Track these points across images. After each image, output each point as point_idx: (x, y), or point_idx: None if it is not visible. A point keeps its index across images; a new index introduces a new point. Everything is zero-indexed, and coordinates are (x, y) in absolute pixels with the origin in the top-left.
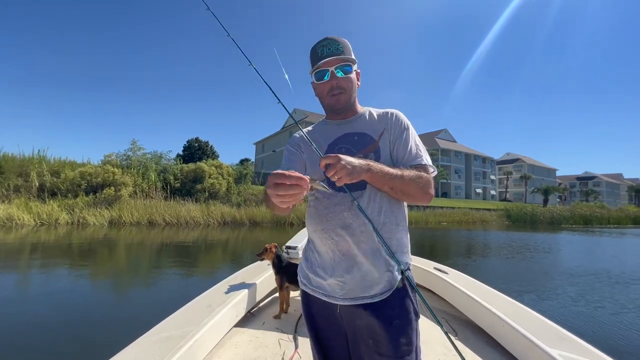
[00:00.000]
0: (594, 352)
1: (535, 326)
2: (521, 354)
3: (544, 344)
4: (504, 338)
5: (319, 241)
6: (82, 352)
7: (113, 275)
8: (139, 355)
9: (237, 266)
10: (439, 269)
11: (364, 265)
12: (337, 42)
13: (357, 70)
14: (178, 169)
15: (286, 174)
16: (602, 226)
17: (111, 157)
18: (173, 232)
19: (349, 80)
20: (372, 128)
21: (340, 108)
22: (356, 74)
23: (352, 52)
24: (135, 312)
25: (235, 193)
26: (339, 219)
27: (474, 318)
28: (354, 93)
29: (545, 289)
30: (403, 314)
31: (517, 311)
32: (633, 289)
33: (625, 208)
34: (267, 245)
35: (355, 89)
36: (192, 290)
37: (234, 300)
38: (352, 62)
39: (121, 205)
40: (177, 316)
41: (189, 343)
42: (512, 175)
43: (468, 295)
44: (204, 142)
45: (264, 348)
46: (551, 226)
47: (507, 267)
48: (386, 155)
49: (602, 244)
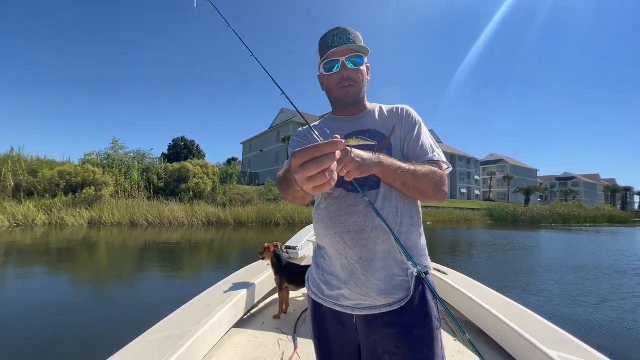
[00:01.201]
0: (594, 353)
1: (535, 328)
2: (521, 355)
3: (543, 345)
4: (503, 339)
5: (330, 246)
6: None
7: (93, 277)
8: (139, 355)
9: (223, 267)
10: (438, 269)
11: (381, 271)
12: (348, 32)
13: (367, 64)
14: (162, 168)
15: (313, 147)
16: (580, 225)
17: (92, 156)
18: (156, 233)
19: (360, 72)
20: (382, 124)
21: (349, 102)
22: (367, 68)
23: (363, 43)
24: (118, 315)
25: (221, 193)
26: (353, 221)
27: (474, 319)
28: (364, 87)
29: (528, 284)
30: (425, 322)
31: (517, 313)
32: (609, 282)
33: (602, 207)
34: (267, 245)
35: (365, 82)
36: (178, 293)
37: (234, 300)
38: (364, 53)
39: (102, 206)
40: (177, 316)
41: (188, 342)
42: (496, 176)
43: (468, 296)
44: (189, 141)
45: (264, 348)
46: (531, 225)
47: (492, 264)
48: (397, 152)
49: (580, 242)
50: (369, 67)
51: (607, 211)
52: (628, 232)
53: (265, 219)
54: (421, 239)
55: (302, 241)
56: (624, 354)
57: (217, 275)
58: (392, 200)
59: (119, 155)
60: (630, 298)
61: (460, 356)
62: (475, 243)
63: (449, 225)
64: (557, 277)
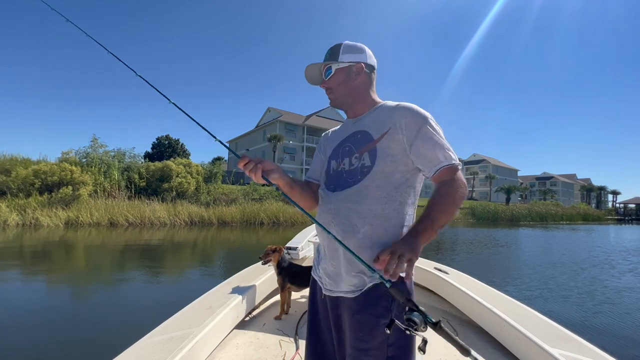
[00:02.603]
0: (595, 351)
1: (536, 326)
2: (522, 353)
3: (545, 343)
4: (505, 338)
5: (319, 232)
6: None
7: (71, 280)
8: (141, 357)
9: (210, 268)
10: (439, 269)
11: (343, 262)
12: (328, 51)
13: (354, 64)
14: (144, 167)
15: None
16: (556, 223)
17: (69, 155)
18: (136, 233)
19: (331, 81)
20: (376, 126)
21: (334, 105)
22: (355, 69)
23: (339, 53)
24: (106, 320)
25: (205, 192)
26: (325, 217)
27: (475, 318)
28: (347, 90)
29: (510, 277)
30: (368, 313)
31: (518, 311)
32: (584, 276)
33: (577, 206)
34: (273, 247)
35: (347, 86)
36: (171, 294)
37: (235, 301)
38: (332, 63)
39: (79, 206)
40: (178, 317)
41: (190, 344)
42: (478, 175)
43: (469, 295)
44: (174, 139)
45: (265, 349)
46: (511, 223)
47: (477, 260)
48: (385, 157)
49: (556, 238)
50: (358, 67)
51: (582, 210)
52: (601, 230)
53: (249, 219)
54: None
55: (303, 242)
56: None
57: (204, 277)
58: (364, 203)
59: (98, 154)
60: (605, 289)
61: (460, 356)
62: (458, 241)
63: None
64: (540, 270)
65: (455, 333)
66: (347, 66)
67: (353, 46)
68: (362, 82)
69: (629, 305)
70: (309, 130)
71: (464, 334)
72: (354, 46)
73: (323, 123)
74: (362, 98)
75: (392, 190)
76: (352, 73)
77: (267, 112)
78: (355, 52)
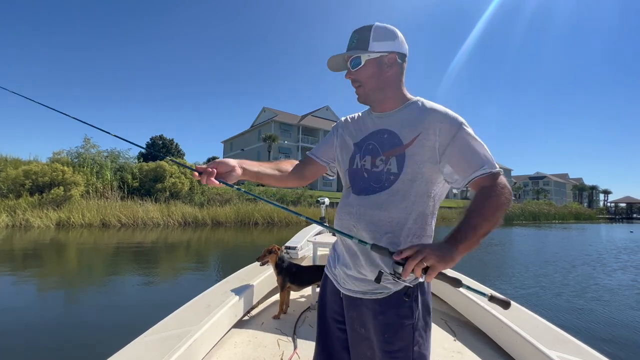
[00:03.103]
0: (593, 353)
1: (534, 328)
2: (520, 355)
3: (543, 345)
4: (503, 340)
5: (338, 234)
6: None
7: (63, 281)
8: (138, 355)
9: (204, 268)
10: None
11: (365, 265)
12: (354, 34)
13: (387, 54)
14: (137, 167)
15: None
16: (549, 222)
17: (61, 155)
18: (129, 234)
19: (360, 73)
20: (405, 127)
21: (362, 101)
22: (386, 60)
23: (369, 40)
24: (101, 320)
25: (199, 192)
26: (348, 220)
27: (473, 319)
28: (379, 84)
29: (505, 275)
30: (393, 314)
31: (516, 313)
32: (576, 274)
33: (570, 205)
34: (269, 248)
35: (379, 78)
36: (155, 295)
37: (233, 300)
38: (361, 53)
39: (71, 206)
40: (176, 316)
41: (188, 343)
42: None
43: (467, 296)
44: (168, 139)
45: (263, 348)
46: (505, 222)
47: (470, 258)
48: (413, 165)
49: (549, 237)
50: (391, 57)
51: (574, 209)
52: (593, 228)
53: (243, 219)
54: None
55: (302, 241)
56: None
57: (198, 278)
58: (388, 211)
59: (90, 154)
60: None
61: (459, 356)
62: None
63: None
64: (532, 270)
65: (454, 334)
66: (378, 57)
67: (385, 31)
68: (394, 74)
69: (620, 302)
70: (304, 130)
71: (462, 335)
72: (385, 31)
73: (318, 123)
74: (393, 93)
75: (416, 199)
76: (384, 65)
77: (263, 112)
78: (387, 39)
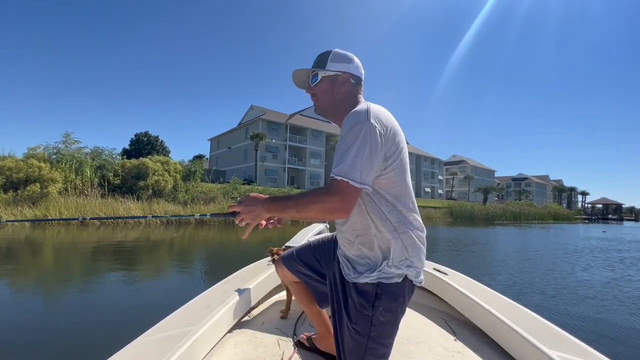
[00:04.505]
0: (594, 353)
1: (534, 327)
2: (521, 355)
3: (543, 345)
4: (503, 339)
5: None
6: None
7: (38, 281)
8: (138, 355)
9: (188, 268)
10: (438, 269)
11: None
12: (317, 57)
13: (340, 73)
14: (119, 165)
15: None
16: (529, 222)
17: (37, 151)
18: (109, 232)
19: (317, 87)
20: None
21: (319, 113)
22: (340, 79)
23: (327, 61)
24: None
25: (183, 191)
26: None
27: (473, 319)
28: (331, 98)
29: (489, 274)
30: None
31: (517, 312)
32: (556, 273)
33: (549, 206)
34: (274, 249)
35: (332, 94)
36: (137, 296)
37: (233, 300)
38: (319, 70)
39: (48, 204)
40: (176, 316)
41: (188, 342)
42: (457, 176)
43: (467, 296)
44: (153, 136)
45: (264, 348)
46: (487, 222)
47: (456, 255)
48: None
49: (528, 236)
50: (344, 77)
51: (553, 209)
52: (570, 228)
53: (227, 219)
54: (369, 252)
55: (303, 241)
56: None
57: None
58: (350, 218)
59: (70, 151)
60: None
61: (460, 356)
62: (439, 239)
63: None
64: (513, 266)
65: (454, 334)
66: (333, 75)
67: (342, 55)
68: (346, 92)
69: (600, 297)
70: (292, 129)
71: (462, 334)
72: (343, 55)
73: (306, 122)
74: (345, 109)
75: (366, 202)
76: (337, 83)
77: (250, 109)
78: (343, 62)
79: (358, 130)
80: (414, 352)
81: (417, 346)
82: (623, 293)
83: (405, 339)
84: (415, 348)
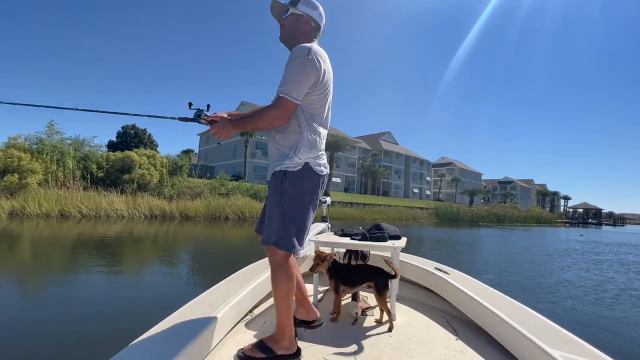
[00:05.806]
0: (597, 353)
1: (537, 327)
2: (523, 354)
3: (546, 345)
4: (505, 338)
5: None
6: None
7: (16, 275)
8: (141, 354)
9: (172, 263)
10: (439, 269)
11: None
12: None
13: (304, 15)
14: (103, 157)
15: None
16: (512, 224)
17: (17, 141)
18: (90, 226)
19: (285, 20)
20: None
21: (281, 41)
22: (303, 19)
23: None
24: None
25: (169, 185)
26: None
27: (475, 318)
28: (291, 34)
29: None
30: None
31: (519, 312)
32: (541, 272)
33: (533, 209)
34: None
35: (293, 29)
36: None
37: (235, 299)
38: (290, 7)
39: (26, 195)
40: (178, 316)
41: (190, 342)
42: (445, 177)
43: (469, 295)
44: (141, 129)
45: None
46: (471, 223)
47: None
48: None
49: (512, 237)
50: (306, 18)
51: (536, 213)
52: (551, 231)
53: (214, 213)
54: (280, 145)
55: (305, 240)
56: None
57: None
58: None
59: (52, 141)
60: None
61: (461, 355)
62: (425, 239)
63: (398, 222)
64: (498, 265)
65: (456, 333)
66: (299, 14)
67: (311, 2)
68: (305, 31)
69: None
70: None
71: (464, 334)
72: (312, 2)
73: None
74: (300, 43)
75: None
76: (300, 21)
77: (241, 105)
78: (309, 7)
79: (299, 61)
80: (415, 351)
81: (418, 345)
82: (620, 291)
83: (406, 338)
84: (416, 347)
